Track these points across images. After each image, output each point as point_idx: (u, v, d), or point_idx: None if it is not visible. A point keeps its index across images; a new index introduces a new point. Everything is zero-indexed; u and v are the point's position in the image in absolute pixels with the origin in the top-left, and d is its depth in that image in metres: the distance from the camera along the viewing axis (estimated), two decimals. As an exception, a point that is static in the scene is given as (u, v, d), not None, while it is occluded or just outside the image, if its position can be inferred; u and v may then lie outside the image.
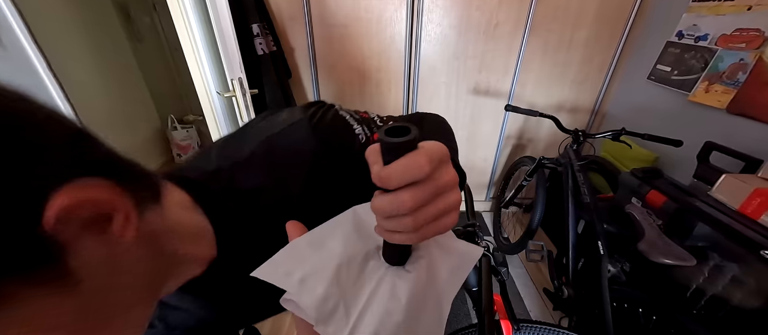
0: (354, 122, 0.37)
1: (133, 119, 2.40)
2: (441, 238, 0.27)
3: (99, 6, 2.15)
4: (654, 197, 0.99)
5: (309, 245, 0.26)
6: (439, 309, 0.25)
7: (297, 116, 0.35)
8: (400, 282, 0.24)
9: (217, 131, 1.69)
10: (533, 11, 1.43)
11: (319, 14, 1.40)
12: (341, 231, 0.27)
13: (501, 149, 1.83)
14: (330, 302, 0.22)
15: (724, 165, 1.02)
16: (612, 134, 1.15)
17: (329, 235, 0.27)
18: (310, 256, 0.25)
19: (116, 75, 2.25)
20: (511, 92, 1.64)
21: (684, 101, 1.24)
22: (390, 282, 0.24)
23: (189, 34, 1.42)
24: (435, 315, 0.24)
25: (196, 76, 1.53)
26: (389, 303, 0.23)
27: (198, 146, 2.70)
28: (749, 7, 1.03)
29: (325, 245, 0.26)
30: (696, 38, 1.20)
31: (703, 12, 1.18)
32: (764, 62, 0.98)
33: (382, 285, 0.24)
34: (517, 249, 1.53)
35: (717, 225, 0.79)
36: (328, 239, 0.27)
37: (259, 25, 1.27)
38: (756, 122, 1.00)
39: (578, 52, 1.54)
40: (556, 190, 1.32)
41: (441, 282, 0.26)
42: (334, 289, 0.23)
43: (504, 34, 1.49)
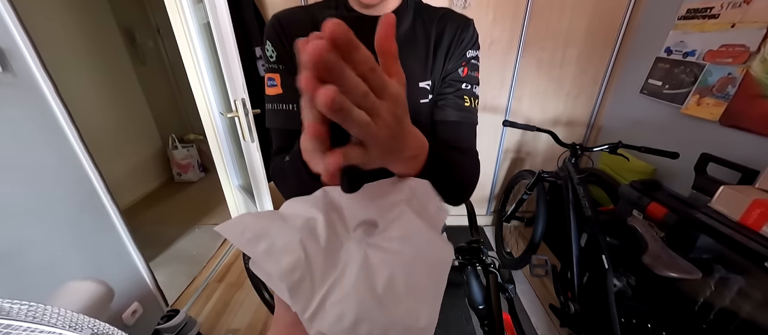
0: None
1: (135, 138, 2.42)
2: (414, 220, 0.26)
3: (106, 31, 2.22)
4: (655, 209, 1.00)
5: (278, 217, 0.26)
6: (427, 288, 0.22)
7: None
8: (372, 259, 0.23)
9: (219, 149, 1.71)
10: (526, 30, 1.48)
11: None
12: (310, 204, 0.27)
13: (500, 163, 1.85)
14: (296, 273, 0.22)
15: (721, 176, 1.03)
16: (609, 147, 1.17)
17: (296, 209, 0.27)
18: (277, 228, 0.25)
19: (119, 96, 2.28)
20: (507, 107, 1.68)
21: (677, 114, 1.26)
22: (359, 258, 0.23)
23: (193, 58, 1.47)
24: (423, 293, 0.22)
25: (198, 98, 1.56)
26: (359, 282, 0.22)
27: (198, 164, 2.70)
28: (733, 24, 1.08)
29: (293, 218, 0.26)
30: (684, 54, 1.24)
31: (689, 29, 1.23)
32: (752, 76, 1.01)
33: (351, 262, 0.23)
34: (520, 264, 1.51)
35: (719, 237, 0.79)
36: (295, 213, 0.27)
37: (262, 47, 1.31)
38: (749, 134, 1.02)
39: (571, 68, 1.58)
40: (557, 203, 1.32)
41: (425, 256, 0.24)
42: (301, 262, 0.22)
43: (498, 51, 1.54)
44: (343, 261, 0.24)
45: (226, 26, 0.96)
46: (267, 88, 0.47)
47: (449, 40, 0.47)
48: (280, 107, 0.47)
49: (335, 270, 0.23)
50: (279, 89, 0.46)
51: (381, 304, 0.21)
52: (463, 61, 0.47)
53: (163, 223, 2.09)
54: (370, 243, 0.24)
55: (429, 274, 0.23)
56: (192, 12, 1.36)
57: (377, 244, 0.24)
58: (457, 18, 0.48)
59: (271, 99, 0.47)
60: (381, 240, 0.24)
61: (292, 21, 0.47)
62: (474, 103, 0.48)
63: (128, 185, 2.31)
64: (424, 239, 0.24)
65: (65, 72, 1.83)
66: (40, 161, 0.84)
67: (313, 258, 0.23)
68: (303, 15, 0.48)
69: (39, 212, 0.85)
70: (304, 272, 0.22)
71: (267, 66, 0.48)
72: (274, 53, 0.46)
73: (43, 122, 0.84)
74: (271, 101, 0.47)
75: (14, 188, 0.80)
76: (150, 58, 2.62)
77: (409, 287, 0.22)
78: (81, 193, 0.94)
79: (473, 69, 0.48)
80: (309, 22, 0.47)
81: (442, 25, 0.48)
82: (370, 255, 0.23)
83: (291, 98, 0.46)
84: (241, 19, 1.22)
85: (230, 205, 1.89)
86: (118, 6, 2.28)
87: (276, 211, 0.28)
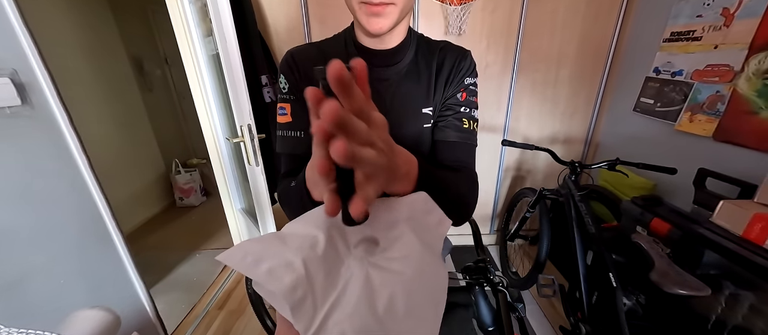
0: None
1: (140, 164, 2.45)
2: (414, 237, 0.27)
3: (116, 60, 2.31)
4: (658, 225, 1.00)
5: (278, 238, 0.26)
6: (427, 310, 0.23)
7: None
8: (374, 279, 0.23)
9: (222, 173, 1.73)
10: (519, 53, 1.55)
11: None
12: (311, 223, 0.28)
13: (501, 181, 1.86)
14: (298, 291, 0.22)
15: (720, 191, 1.05)
16: (607, 164, 1.19)
17: (298, 229, 0.27)
18: (278, 248, 0.25)
19: (126, 123, 2.34)
20: (505, 126, 1.72)
21: (671, 130, 1.30)
22: (361, 277, 0.24)
23: (200, 86, 1.52)
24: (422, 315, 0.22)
25: (204, 123, 1.60)
26: (360, 302, 0.22)
27: (201, 188, 2.71)
28: (715, 45, 1.13)
29: (294, 238, 0.26)
30: (672, 73, 1.29)
31: (674, 51, 1.29)
32: (739, 93, 1.05)
33: (352, 280, 0.24)
34: (527, 284, 1.49)
35: (725, 253, 0.79)
36: (296, 232, 0.27)
37: (267, 75, 1.37)
38: (744, 148, 1.05)
39: (564, 88, 1.64)
40: (560, 220, 1.32)
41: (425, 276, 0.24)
42: (302, 280, 0.23)
43: (494, 73, 1.60)
44: (343, 279, 0.24)
45: (235, 58, 1.01)
46: (278, 116, 0.50)
47: (449, 69, 0.51)
48: (289, 134, 0.50)
49: (336, 289, 0.23)
50: (289, 118, 0.50)
51: (381, 325, 0.21)
52: (461, 87, 0.50)
53: (164, 248, 2.07)
54: (371, 262, 0.25)
55: (429, 296, 0.23)
56: (201, 44, 1.43)
57: (378, 264, 0.25)
58: (456, 49, 0.52)
59: (282, 126, 0.50)
60: (382, 260, 0.25)
61: (303, 57, 0.51)
62: (472, 125, 0.51)
63: (130, 210, 2.30)
64: (424, 262, 0.25)
65: (76, 100, 1.89)
66: (49, 189, 0.86)
67: (315, 276, 0.23)
68: (314, 51, 0.51)
69: (45, 239, 0.86)
70: (306, 290, 0.23)
71: (279, 96, 0.51)
72: (286, 85, 0.50)
73: (55, 151, 0.86)
74: (282, 129, 0.50)
75: (23, 216, 0.81)
76: (157, 86, 2.71)
77: (409, 309, 0.22)
78: (86, 219, 0.95)
79: (471, 94, 0.51)
80: (320, 58, 0.51)
81: (443, 56, 0.51)
82: (371, 275, 0.24)
83: (299, 126, 0.49)
84: (249, 50, 1.29)
85: (232, 228, 1.88)
86: (129, 36, 2.39)
87: (276, 233, 0.28)
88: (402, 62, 0.50)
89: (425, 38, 0.54)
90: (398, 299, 0.22)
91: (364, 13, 0.42)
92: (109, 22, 2.27)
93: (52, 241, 0.87)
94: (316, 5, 1.44)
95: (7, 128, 0.77)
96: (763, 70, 0.99)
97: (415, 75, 0.51)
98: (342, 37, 0.52)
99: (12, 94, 0.76)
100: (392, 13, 0.42)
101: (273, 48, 1.50)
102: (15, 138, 0.78)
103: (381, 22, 0.42)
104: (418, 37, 0.53)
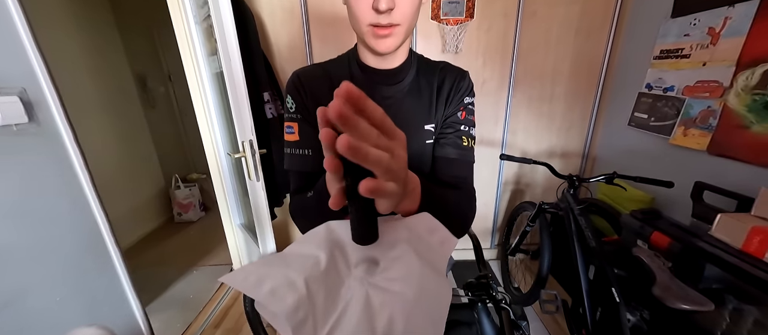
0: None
1: (139, 179, 2.45)
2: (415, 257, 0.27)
3: (120, 78, 2.36)
4: (658, 239, 1.00)
5: (279, 260, 0.27)
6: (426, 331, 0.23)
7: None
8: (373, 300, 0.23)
9: (222, 188, 1.73)
10: (514, 70, 1.60)
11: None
12: (314, 243, 0.28)
13: (500, 195, 1.87)
14: (300, 312, 0.23)
15: (718, 204, 1.05)
16: (605, 178, 1.20)
17: (300, 249, 0.28)
18: (280, 269, 0.25)
19: (128, 139, 2.36)
20: (503, 140, 1.74)
21: (666, 144, 1.32)
22: (361, 298, 0.24)
23: (203, 103, 1.55)
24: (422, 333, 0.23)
25: (206, 139, 1.62)
26: (360, 323, 0.22)
27: (200, 203, 2.70)
28: (704, 63, 1.17)
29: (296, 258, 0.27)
30: (664, 89, 1.33)
31: (664, 67, 1.33)
32: (730, 109, 1.08)
33: (353, 302, 0.24)
34: (529, 300, 1.46)
35: (725, 266, 0.79)
36: (299, 252, 0.27)
37: (269, 92, 1.39)
38: (738, 162, 1.06)
39: (560, 103, 1.68)
40: (560, 234, 1.32)
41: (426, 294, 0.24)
42: (304, 301, 0.23)
43: (491, 89, 1.64)
44: (344, 300, 0.25)
45: (239, 76, 1.03)
46: (286, 134, 0.52)
47: (449, 88, 0.53)
48: (296, 151, 0.51)
49: (337, 310, 0.24)
50: (296, 136, 0.51)
51: None
52: (461, 106, 0.52)
53: (161, 265, 2.04)
54: (371, 283, 0.25)
55: (428, 317, 0.24)
56: (205, 63, 1.47)
57: (378, 284, 0.25)
58: (455, 70, 0.54)
59: (290, 144, 0.52)
60: (382, 280, 0.25)
61: (309, 77, 0.52)
62: (471, 143, 0.53)
63: (128, 225, 2.28)
64: (425, 282, 0.25)
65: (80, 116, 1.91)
66: (50, 206, 0.86)
67: (316, 295, 0.24)
68: (319, 71, 0.53)
69: (42, 256, 0.85)
70: (307, 311, 0.23)
71: (287, 116, 0.52)
72: (293, 105, 0.51)
73: (58, 168, 0.87)
74: (290, 146, 0.52)
75: (22, 233, 0.81)
76: (160, 102, 2.75)
77: (408, 329, 0.22)
78: (85, 237, 0.94)
79: (470, 113, 0.53)
80: (325, 78, 0.52)
81: (443, 75, 0.53)
82: (371, 296, 0.24)
83: (306, 144, 0.50)
84: (252, 67, 1.32)
85: (230, 244, 1.86)
86: (133, 54, 2.45)
87: (278, 254, 0.29)
88: (404, 81, 0.52)
89: (425, 59, 0.56)
90: (397, 320, 0.23)
91: (372, 35, 0.44)
92: (115, 40, 2.33)
93: (50, 258, 0.86)
94: (317, 24, 1.49)
95: (12, 145, 0.78)
96: (751, 86, 1.02)
97: (417, 93, 0.53)
98: (346, 58, 0.54)
99: (19, 112, 0.77)
100: (399, 33, 0.44)
101: (275, 66, 1.54)
102: (19, 155, 0.79)
103: (388, 43, 0.44)
104: (419, 58, 0.56)
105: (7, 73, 0.77)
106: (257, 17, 1.44)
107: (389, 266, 0.26)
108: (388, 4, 0.40)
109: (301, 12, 1.46)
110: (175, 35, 1.45)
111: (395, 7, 0.41)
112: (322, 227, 0.31)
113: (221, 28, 1.00)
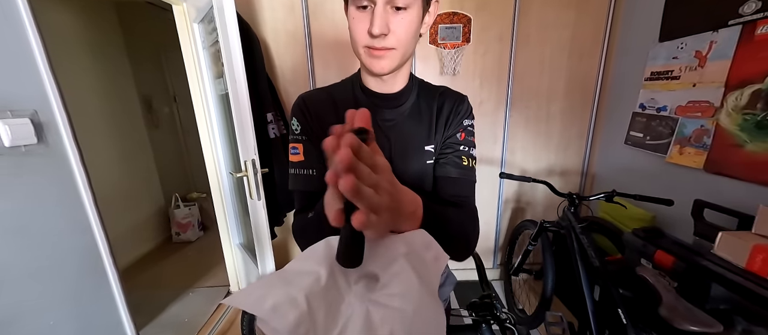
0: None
1: (140, 199, 2.45)
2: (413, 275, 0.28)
3: (127, 99, 2.41)
4: (662, 258, 0.99)
5: (280, 277, 0.27)
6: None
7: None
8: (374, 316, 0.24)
9: (222, 207, 1.73)
10: (510, 91, 1.65)
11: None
12: (313, 260, 0.29)
13: (501, 214, 1.86)
14: (301, 329, 0.23)
15: (719, 222, 1.05)
16: (604, 196, 1.20)
17: (301, 266, 0.28)
18: (281, 286, 0.26)
19: (131, 159, 2.38)
20: (502, 159, 1.76)
21: (663, 162, 1.33)
22: (362, 315, 0.24)
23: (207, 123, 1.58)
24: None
25: (208, 158, 1.64)
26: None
27: (198, 223, 2.68)
28: (694, 84, 1.21)
29: (297, 275, 0.27)
30: (657, 109, 1.36)
31: (656, 88, 1.37)
32: (722, 128, 1.10)
33: (353, 318, 0.25)
34: (535, 322, 1.42)
35: (731, 286, 0.78)
36: (299, 269, 0.28)
37: (273, 113, 1.43)
38: (735, 180, 1.07)
39: (557, 122, 1.71)
40: (563, 253, 1.31)
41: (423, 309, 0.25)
42: (305, 317, 0.24)
43: (489, 110, 1.68)
44: (344, 316, 0.25)
45: (244, 97, 1.07)
46: (291, 155, 0.54)
47: (448, 111, 0.55)
48: (301, 171, 0.53)
49: (337, 326, 0.24)
50: (301, 157, 0.53)
51: None
52: (460, 128, 0.54)
53: (157, 287, 1.99)
54: (371, 299, 0.26)
55: (427, 332, 0.24)
56: (211, 85, 1.51)
57: (378, 300, 0.26)
58: (454, 94, 0.57)
59: (294, 165, 0.53)
60: (382, 296, 0.26)
61: (314, 101, 0.55)
62: (471, 163, 0.54)
63: (126, 245, 2.25)
64: (423, 298, 0.26)
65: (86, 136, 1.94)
66: (51, 226, 0.86)
67: (317, 312, 0.24)
68: (323, 95, 0.56)
69: (40, 277, 0.84)
70: (308, 327, 0.23)
71: (292, 137, 0.54)
72: (299, 127, 0.54)
73: (62, 189, 0.88)
74: (294, 167, 0.53)
75: (21, 253, 0.80)
76: (163, 123, 2.79)
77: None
78: (84, 259, 0.94)
79: (469, 135, 0.55)
80: (329, 102, 0.55)
81: (442, 99, 0.56)
82: (371, 312, 0.25)
83: (310, 164, 0.52)
84: (257, 89, 1.36)
85: (228, 264, 1.83)
86: (141, 77, 2.52)
87: (278, 272, 0.29)
88: (405, 105, 0.55)
89: (426, 83, 0.59)
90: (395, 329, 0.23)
91: (368, 56, 0.47)
92: (124, 64, 2.41)
93: (47, 280, 0.85)
94: (319, 48, 1.55)
95: (20, 165, 0.79)
96: (741, 106, 1.05)
97: (417, 116, 0.55)
98: (349, 82, 0.57)
99: (30, 133, 0.79)
100: (394, 56, 0.46)
101: (279, 87, 1.58)
102: (25, 175, 0.80)
103: (383, 64, 0.47)
104: (420, 82, 0.58)
105: (22, 96, 0.79)
106: (262, 42, 1.50)
107: (388, 281, 0.27)
108: (381, 29, 0.43)
109: (305, 37, 1.52)
110: (183, 59, 1.50)
111: (390, 33, 0.44)
112: (322, 243, 0.32)
113: (228, 52, 1.05)
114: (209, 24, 1.31)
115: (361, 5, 0.44)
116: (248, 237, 1.66)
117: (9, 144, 0.75)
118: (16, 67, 0.78)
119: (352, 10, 0.45)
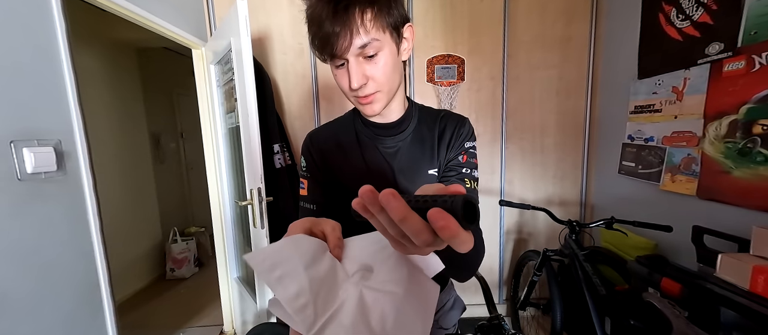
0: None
1: (138, 233, 2.42)
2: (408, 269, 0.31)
3: (138, 135, 2.50)
4: (669, 286, 0.98)
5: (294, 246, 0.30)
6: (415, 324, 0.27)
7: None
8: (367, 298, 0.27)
9: (222, 238, 1.71)
10: (505, 125, 1.74)
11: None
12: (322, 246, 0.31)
13: (504, 245, 1.85)
14: (301, 299, 0.25)
15: (720, 247, 1.06)
16: (604, 223, 1.22)
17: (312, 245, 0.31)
18: (292, 258, 0.28)
19: (135, 193, 2.40)
20: (501, 190, 1.79)
21: (657, 190, 1.37)
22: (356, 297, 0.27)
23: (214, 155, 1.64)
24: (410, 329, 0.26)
25: (212, 189, 1.67)
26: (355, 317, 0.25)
27: (195, 258, 2.61)
28: (675, 116, 1.30)
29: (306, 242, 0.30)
30: (644, 139, 1.44)
31: (641, 120, 1.46)
32: (708, 156, 1.16)
33: (348, 300, 0.27)
34: (546, 361, 1.34)
35: (739, 309, 0.77)
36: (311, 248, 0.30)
37: (279, 144, 1.49)
38: (729, 206, 1.10)
39: (551, 154, 1.78)
40: (569, 285, 1.28)
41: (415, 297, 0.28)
42: (306, 291, 0.26)
43: (485, 142, 1.76)
44: (341, 298, 0.28)
45: (255, 130, 1.13)
46: (300, 189, 0.61)
47: (450, 135, 0.59)
48: (305, 205, 0.59)
49: (335, 303, 0.27)
50: (306, 192, 0.59)
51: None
52: (462, 150, 0.59)
53: (145, 327, 1.89)
54: (365, 286, 0.29)
55: (416, 312, 0.28)
56: (222, 119, 1.60)
57: (372, 286, 0.29)
58: (456, 117, 0.62)
59: (301, 198, 0.60)
60: (375, 283, 0.29)
61: (319, 139, 0.62)
62: (473, 184, 0.57)
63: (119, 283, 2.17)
64: (413, 282, 0.29)
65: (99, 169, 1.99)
66: (57, 254, 0.86)
67: (318, 287, 0.27)
68: (328, 133, 0.62)
69: (38, 306, 0.82)
70: (308, 299, 0.26)
71: (300, 173, 0.61)
72: (306, 165, 0.60)
73: (73, 217, 0.90)
74: (300, 200, 0.60)
75: (23, 280, 0.79)
76: (169, 158, 2.86)
77: (398, 323, 0.26)
78: (83, 290, 0.92)
79: (471, 156, 0.59)
80: (332, 139, 0.61)
81: (444, 123, 0.61)
82: (365, 295, 0.28)
83: (312, 200, 0.58)
84: (266, 123, 1.44)
85: (224, 300, 1.76)
86: (153, 113, 2.64)
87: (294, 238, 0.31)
88: (406, 131, 0.59)
89: (427, 108, 0.65)
90: (388, 314, 0.26)
91: (358, 103, 0.52)
92: (138, 101, 2.54)
93: (44, 310, 0.83)
94: (324, 87, 1.67)
95: (37, 192, 0.82)
96: (721, 135, 1.12)
97: (420, 141, 0.59)
98: (350, 115, 0.63)
99: (51, 161, 0.84)
100: (380, 98, 0.51)
101: (285, 122, 1.67)
102: (41, 202, 0.82)
103: (372, 108, 0.52)
104: (420, 108, 0.64)
105: (50, 126, 0.85)
106: (273, 81, 1.62)
107: (381, 270, 0.30)
108: (358, 83, 0.47)
109: (312, 79, 1.65)
110: (196, 96, 1.60)
111: (369, 81, 0.48)
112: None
113: (243, 89, 1.14)
114: (225, 65, 1.43)
115: (338, 64, 0.49)
116: (246, 271, 1.63)
117: (31, 170, 0.79)
118: (50, 102, 0.85)
119: (333, 69, 0.51)
